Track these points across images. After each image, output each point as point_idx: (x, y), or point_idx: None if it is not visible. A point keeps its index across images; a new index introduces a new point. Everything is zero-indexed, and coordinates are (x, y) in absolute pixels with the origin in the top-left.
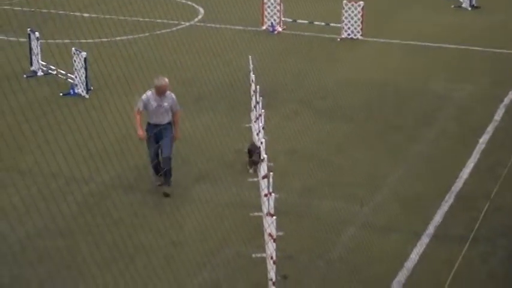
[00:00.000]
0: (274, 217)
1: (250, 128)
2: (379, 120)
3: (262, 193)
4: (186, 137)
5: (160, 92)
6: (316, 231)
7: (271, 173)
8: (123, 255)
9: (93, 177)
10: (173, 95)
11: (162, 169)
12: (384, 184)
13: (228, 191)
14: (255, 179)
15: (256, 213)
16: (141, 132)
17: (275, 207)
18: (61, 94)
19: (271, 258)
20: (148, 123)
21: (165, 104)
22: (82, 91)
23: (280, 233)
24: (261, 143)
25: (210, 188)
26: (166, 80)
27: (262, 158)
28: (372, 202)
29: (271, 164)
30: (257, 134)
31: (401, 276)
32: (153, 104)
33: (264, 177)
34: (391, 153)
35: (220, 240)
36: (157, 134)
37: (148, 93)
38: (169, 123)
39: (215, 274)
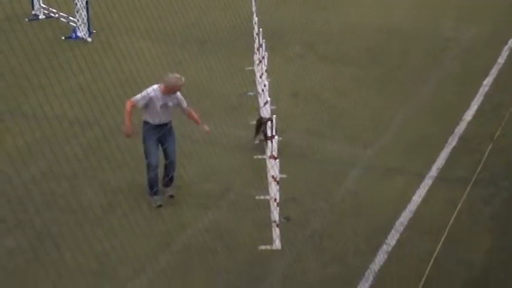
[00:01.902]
0: (278, 159)
1: (253, 71)
2: (384, 64)
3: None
4: (190, 81)
5: (173, 91)
6: (319, 174)
7: (274, 116)
8: (128, 199)
9: (97, 120)
10: (179, 93)
11: (166, 176)
12: (388, 127)
13: (232, 133)
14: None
15: (259, 156)
16: (130, 126)
17: (278, 150)
18: (63, 38)
19: (275, 200)
20: (148, 124)
21: (171, 103)
22: (84, 34)
23: (284, 175)
24: (264, 85)
25: (214, 129)
26: (183, 79)
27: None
28: (376, 145)
29: (274, 106)
30: (260, 77)
31: (404, 217)
32: (158, 103)
33: (267, 121)
34: (395, 96)
35: (223, 181)
36: (161, 136)
37: (156, 88)
38: (170, 123)
39: (219, 215)
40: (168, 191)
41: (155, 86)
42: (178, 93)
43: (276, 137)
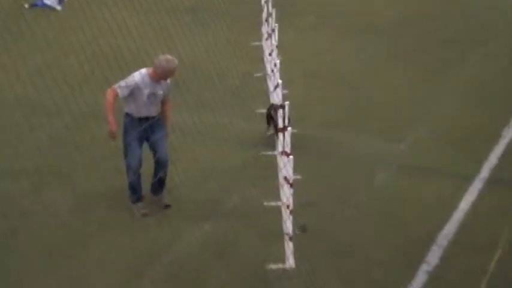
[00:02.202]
0: (291, 156)
1: (260, 47)
2: (420, 36)
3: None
4: (183, 59)
5: (165, 77)
6: (341, 174)
7: (286, 103)
8: (104, 204)
9: (68, 105)
10: (168, 81)
11: (155, 178)
12: (425, 116)
13: (234, 124)
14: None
15: (268, 152)
16: (115, 123)
17: (292, 144)
18: (26, 5)
19: (287, 207)
20: (130, 116)
21: (161, 92)
22: (53, 2)
23: (298, 176)
24: (274, 64)
25: (213, 120)
26: (176, 61)
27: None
28: (411, 138)
29: (286, 91)
30: (269, 54)
31: (448, 229)
32: (145, 91)
33: (278, 108)
34: (433, 76)
35: (224, 184)
36: (148, 130)
37: (143, 73)
38: (159, 115)
39: (218, 226)
40: (160, 199)
41: (143, 71)
42: (168, 81)
43: (289, 128)
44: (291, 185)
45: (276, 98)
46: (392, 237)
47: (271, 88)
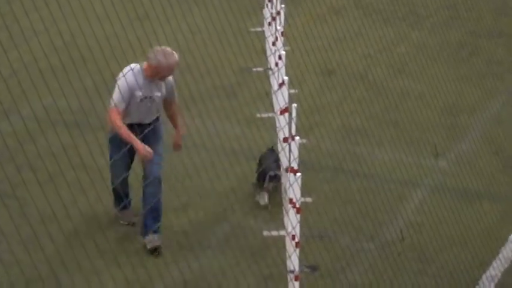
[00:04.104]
0: (299, 174)
1: (262, 33)
2: (469, 27)
3: (280, 135)
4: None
5: (162, 75)
6: (363, 197)
7: (293, 106)
8: (66, 224)
9: (17, 106)
10: (171, 78)
11: (145, 206)
12: (472, 125)
13: (228, 131)
14: (269, 115)
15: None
16: (144, 147)
17: (300, 159)
18: None
19: (293, 238)
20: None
21: (159, 94)
22: None
23: (308, 199)
24: (279, 57)
25: (201, 125)
26: (177, 56)
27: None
28: (454, 152)
29: (294, 90)
30: (273, 43)
31: (497, 268)
32: (138, 94)
33: (282, 112)
34: (482, 77)
35: (214, 207)
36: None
37: (136, 70)
38: (157, 120)
39: (206, 261)
40: (150, 240)
41: (135, 67)
42: (171, 79)
43: (297, 138)
44: (298, 211)
45: (281, 99)
46: (425, 280)
47: (275, 87)
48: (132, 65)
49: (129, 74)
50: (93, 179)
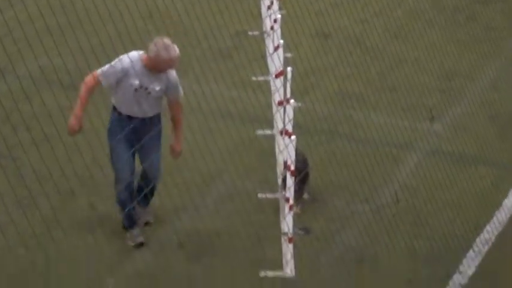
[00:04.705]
0: (293, 137)
1: None
2: None
3: (275, 98)
4: (152, 9)
5: (161, 68)
6: (358, 159)
7: (288, 69)
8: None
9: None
10: (174, 74)
11: (138, 193)
12: (468, 90)
13: (224, 94)
14: (267, 78)
15: (265, 131)
16: (80, 118)
17: (295, 122)
18: None
19: (287, 200)
20: (116, 112)
21: (157, 88)
22: None
23: None
24: (274, 20)
25: (198, 89)
26: (177, 50)
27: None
28: (449, 117)
29: (290, 54)
30: (268, 7)
31: (490, 232)
32: (134, 83)
33: (277, 76)
34: (479, 42)
35: (210, 169)
36: (136, 132)
37: (135, 58)
38: (157, 117)
39: (200, 220)
40: (145, 215)
41: (133, 54)
42: (174, 76)
43: (292, 101)
44: (293, 173)
45: (277, 62)
46: (419, 242)
47: (271, 50)
48: (132, 53)
49: (126, 59)
50: (89, 140)
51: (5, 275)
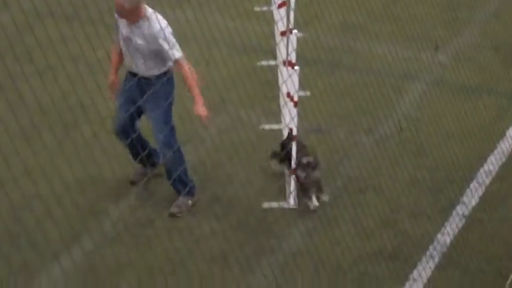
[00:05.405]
0: (297, 67)
1: None
2: None
3: (279, 28)
4: None
5: (120, 14)
6: (361, 90)
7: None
8: None
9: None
10: (160, 24)
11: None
12: (472, 20)
13: (225, 22)
14: (270, 8)
15: (267, 62)
16: (112, 77)
17: (297, 53)
18: None
19: (290, 131)
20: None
21: (139, 41)
22: None
23: (306, 93)
24: None
25: (199, 16)
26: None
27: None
28: (453, 47)
29: None
30: None
31: (493, 162)
32: (122, 31)
33: (280, 5)
34: None
35: (212, 98)
36: (139, 93)
37: None
38: (158, 78)
39: (200, 154)
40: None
41: None
42: (161, 26)
43: (295, 31)
44: (296, 104)
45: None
46: (423, 173)
47: None
48: None
49: None
50: (93, 71)
51: (9, 204)
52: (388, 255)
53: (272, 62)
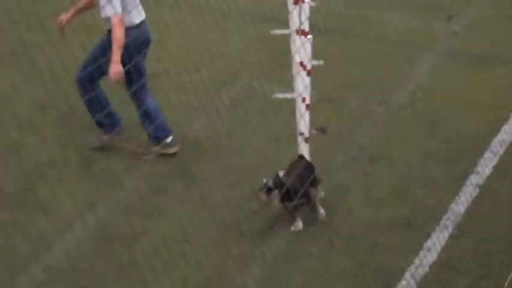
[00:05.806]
0: (310, 36)
1: None
2: None
3: None
4: None
5: None
6: (372, 62)
7: None
8: None
9: None
10: None
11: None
12: None
13: None
14: None
15: (280, 31)
16: (64, 16)
17: (310, 22)
18: None
19: (303, 100)
20: None
21: None
22: None
23: (319, 61)
24: None
25: None
26: None
27: None
28: (466, 17)
29: None
30: None
31: (507, 134)
32: None
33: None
34: None
35: (221, 70)
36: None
37: None
38: (110, 33)
39: (217, 120)
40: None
41: None
42: None
43: (308, 0)
44: (309, 73)
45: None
46: (436, 143)
47: None
48: None
49: None
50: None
51: (23, 172)
52: (401, 225)
53: (285, 31)
